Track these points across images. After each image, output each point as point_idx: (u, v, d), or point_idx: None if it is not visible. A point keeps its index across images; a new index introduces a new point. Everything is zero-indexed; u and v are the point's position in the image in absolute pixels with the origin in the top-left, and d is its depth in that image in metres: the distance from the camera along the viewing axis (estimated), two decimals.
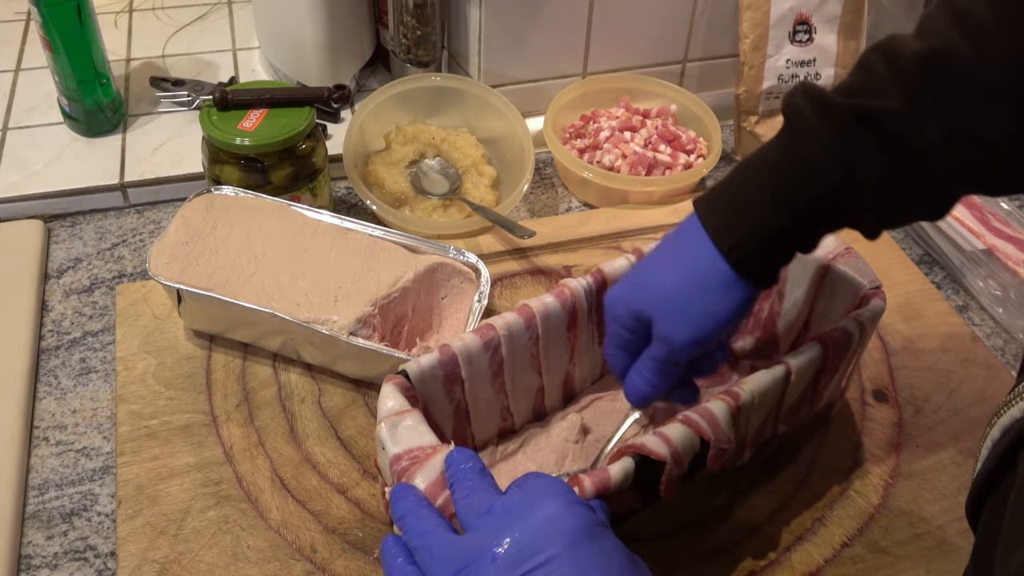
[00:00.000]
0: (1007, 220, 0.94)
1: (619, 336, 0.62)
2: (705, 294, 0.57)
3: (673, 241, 0.60)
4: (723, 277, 0.57)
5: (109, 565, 0.64)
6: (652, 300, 0.59)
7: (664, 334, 0.59)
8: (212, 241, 0.76)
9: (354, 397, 0.74)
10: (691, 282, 0.58)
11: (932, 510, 0.69)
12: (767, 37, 1.00)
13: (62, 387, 0.75)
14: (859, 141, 0.53)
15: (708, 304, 0.58)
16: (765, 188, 0.56)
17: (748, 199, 0.56)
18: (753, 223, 0.56)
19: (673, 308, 0.58)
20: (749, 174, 0.57)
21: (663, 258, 0.60)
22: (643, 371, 0.61)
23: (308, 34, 0.97)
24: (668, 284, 0.59)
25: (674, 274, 0.59)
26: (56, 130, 0.98)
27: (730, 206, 0.57)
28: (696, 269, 0.58)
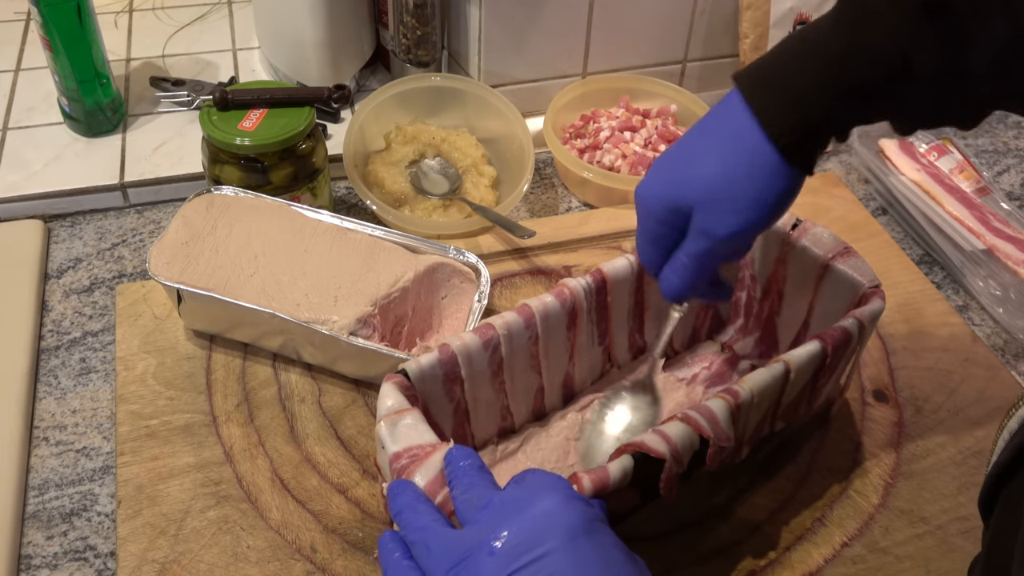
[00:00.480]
0: (1007, 220, 0.94)
1: (653, 231, 0.59)
2: (753, 182, 0.54)
3: (712, 124, 0.57)
4: (771, 164, 0.54)
5: (109, 565, 0.64)
6: (693, 191, 0.56)
7: (706, 227, 0.56)
8: (212, 241, 0.76)
9: (354, 397, 0.75)
10: (737, 170, 0.54)
11: (932, 510, 0.69)
12: (767, 37, 1.00)
13: (62, 387, 0.76)
14: (922, 34, 0.51)
15: (756, 193, 0.54)
16: (821, 72, 0.53)
17: (801, 83, 0.53)
18: (803, 109, 0.53)
19: (718, 198, 0.55)
20: (802, 54, 0.54)
21: (702, 144, 0.57)
22: (679, 267, 0.59)
23: (308, 34, 0.97)
24: (710, 173, 0.55)
25: (717, 161, 0.55)
26: (56, 130, 0.98)
27: (780, 89, 0.54)
28: (742, 155, 0.54)
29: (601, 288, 0.69)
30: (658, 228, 0.59)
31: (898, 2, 0.51)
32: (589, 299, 0.69)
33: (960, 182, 0.98)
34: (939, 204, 0.94)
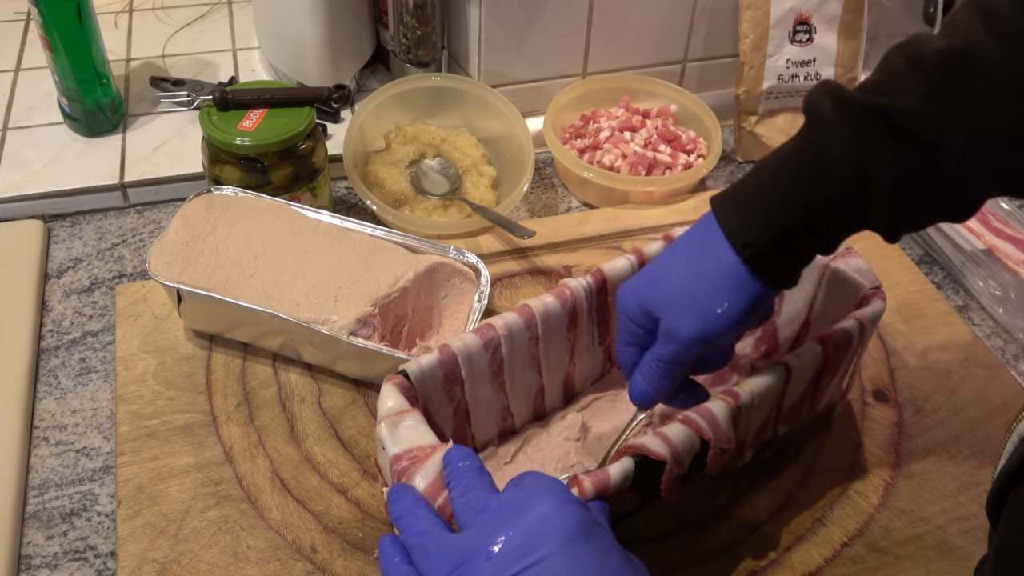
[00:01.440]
0: (1007, 220, 0.94)
1: (629, 331, 0.61)
2: (715, 290, 0.57)
3: (687, 238, 0.60)
4: (734, 273, 0.56)
5: (109, 565, 0.64)
6: (661, 295, 0.59)
7: (670, 329, 0.58)
8: (212, 241, 0.76)
9: (354, 397, 0.75)
10: (701, 277, 0.57)
11: (932, 510, 0.69)
12: (767, 37, 1.00)
13: (62, 387, 0.75)
14: (875, 141, 0.52)
15: (717, 300, 0.57)
16: (780, 184, 0.55)
17: (763, 195, 0.56)
18: (767, 219, 0.55)
19: (681, 303, 0.58)
20: (766, 171, 0.57)
21: (676, 254, 0.60)
22: (647, 371, 0.61)
23: (308, 34, 0.97)
24: (677, 278, 0.58)
25: (684, 269, 0.58)
26: (56, 130, 0.98)
27: (745, 202, 0.56)
28: (707, 264, 0.57)
29: (601, 288, 0.69)
30: (633, 328, 0.61)
31: (850, 114, 0.53)
32: (589, 299, 0.69)
33: None
34: None
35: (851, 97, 0.53)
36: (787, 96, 1.03)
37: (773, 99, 1.03)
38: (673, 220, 0.93)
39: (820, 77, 1.02)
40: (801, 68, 1.02)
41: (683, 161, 0.97)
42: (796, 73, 1.02)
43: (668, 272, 0.59)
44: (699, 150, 0.99)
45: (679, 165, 0.97)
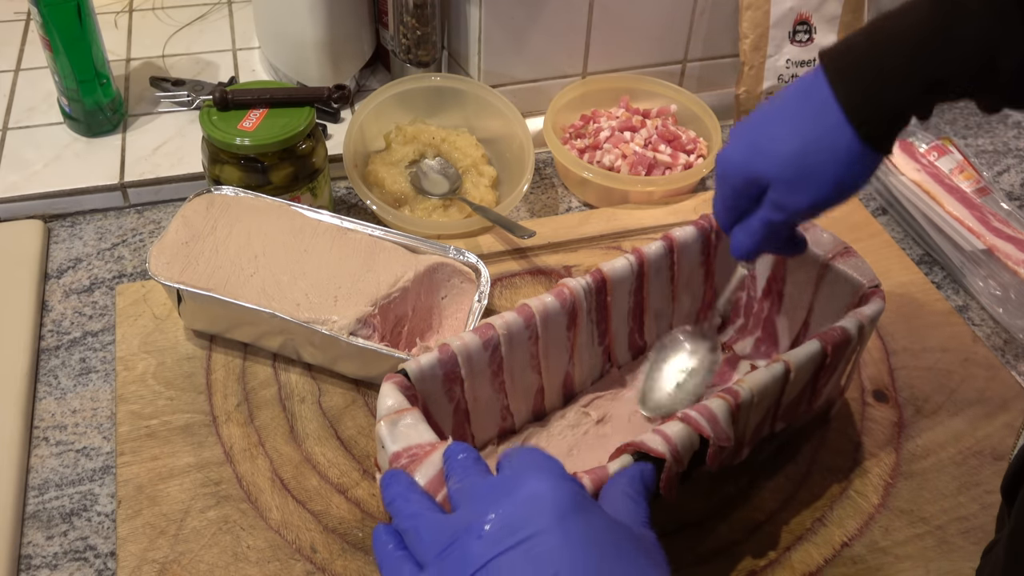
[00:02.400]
0: (1007, 220, 0.94)
1: (729, 197, 0.61)
2: (832, 165, 0.56)
3: (797, 101, 0.58)
4: (852, 148, 0.55)
5: (109, 565, 0.64)
6: (773, 167, 0.57)
7: (781, 201, 0.58)
8: (212, 241, 0.76)
9: (354, 397, 0.75)
10: (818, 151, 0.56)
11: (932, 510, 0.69)
12: (767, 37, 1.00)
13: (62, 387, 0.76)
14: (1008, 26, 0.51)
15: (834, 174, 0.56)
16: (904, 60, 0.53)
17: (888, 73, 0.54)
18: (887, 97, 0.54)
19: (794, 176, 0.57)
20: (891, 43, 0.54)
21: (785, 120, 0.58)
22: (751, 231, 0.61)
23: (308, 34, 0.97)
24: (791, 151, 0.57)
25: (798, 141, 0.56)
26: (56, 130, 0.98)
27: (866, 76, 0.54)
28: (823, 138, 0.56)
29: (601, 288, 0.69)
30: (734, 195, 0.61)
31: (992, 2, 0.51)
32: (589, 299, 0.69)
33: (960, 182, 0.98)
34: (939, 204, 0.94)
35: None
36: None
37: None
38: (673, 220, 0.93)
39: None
40: (801, 68, 1.02)
41: (683, 161, 0.97)
42: (796, 73, 1.02)
43: (777, 141, 0.57)
44: (699, 150, 0.99)
45: (679, 165, 0.97)
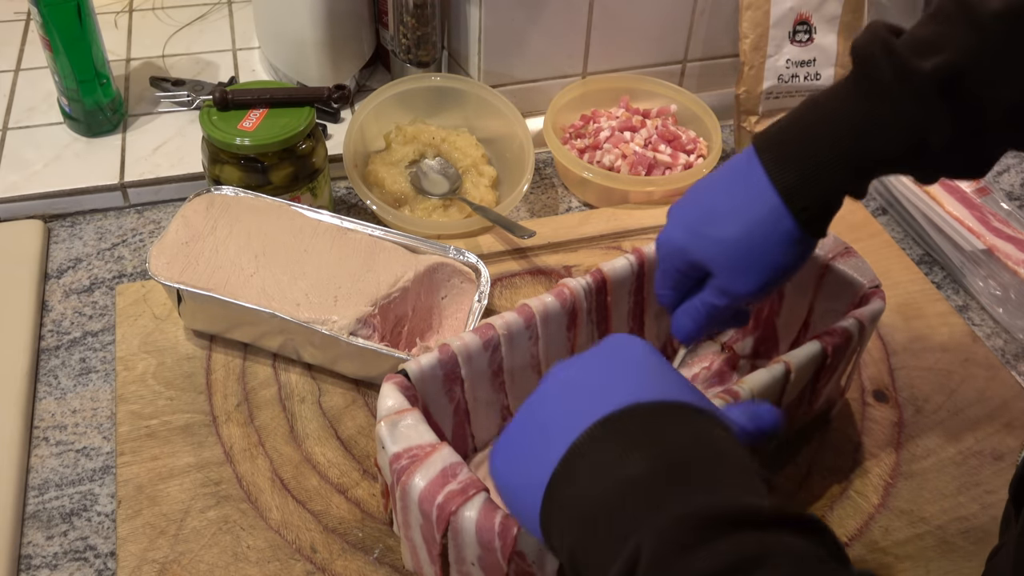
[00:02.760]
0: (1007, 220, 0.94)
1: (672, 278, 0.62)
2: (773, 250, 0.57)
3: (733, 186, 0.59)
4: (791, 233, 0.57)
5: (109, 565, 0.64)
6: (714, 253, 0.58)
7: (725, 287, 0.59)
8: (212, 241, 0.76)
9: (354, 397, 0.75)
10: (758, 238, 0.57)
11: (932, 510, 0.69)
12: (767, 37, 1.00)
13: (62, 387, 0.76)
14: (932, 111, 0.52)
15: (774, 259, 0.57)
16: (838, 146, 0.55)
17: (820, 156, 0.55)
18: (825, 182, 0.55)
19: (737, 263, 0.58)
20: (817, 126, 0.56)
21: (722, 204, 0.59)
22: (697, 316, 0.61)
23: (308, 34, 0.97)
24: (731, 237, 0.58)
25: (739, 228, 0.57)
26: (56, 130, 0.98)
27: (801, 162, 0.56)
28: (763, 224, 0.57)
29: (601, 288, 0.69)
30: (676, 276, 0.62)
31: (913, 85, 0.52)
32: (589, 299, 0.69)
33: (960, 182, 0.98)
34: (939, 204, 0.94)
35: (913, 66, 0.52)
36: (787, 96, 1.03)
37: (773, 99, 1.03)
38: None
39: (820, 77, 1.02)
40: (801, 68, 1.02)
41: (683, 161, 0.97)
42: (796, 73, 1.02)
43: (718, 227, 0.58)
44: (699, 150, 0.99)
45: (679, 165, 0.97)
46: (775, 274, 0.58)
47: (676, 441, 0.41)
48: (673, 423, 0.42)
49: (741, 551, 0.36)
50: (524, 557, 0.53)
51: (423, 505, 0.54)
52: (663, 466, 0.40)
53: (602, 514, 0.40)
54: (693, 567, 0.36)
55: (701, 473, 0.40)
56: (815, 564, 0.37)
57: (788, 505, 0.41)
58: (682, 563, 0.36)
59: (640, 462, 0.40)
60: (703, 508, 0.38)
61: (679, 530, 0.37)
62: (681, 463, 0.40)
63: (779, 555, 0.36)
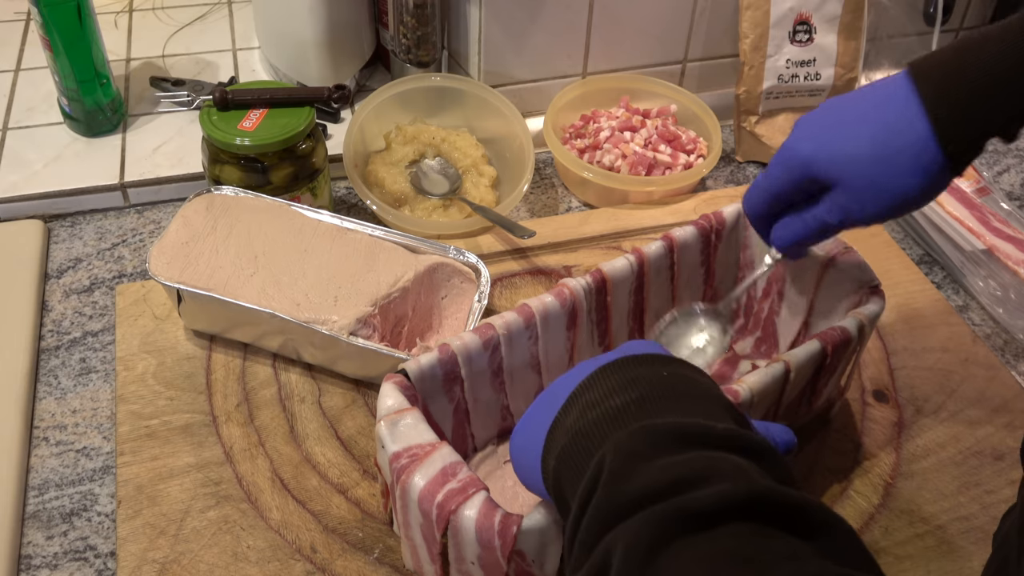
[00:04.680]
0: (1007, 220, 0.94)
1: (785, 190, 0.60)
2: (907, 178, 0.55)
3: (879, 108, 0.56)
4: (932, 165, 0.54)
5: (109, 565, 0.64)
6: (845, 171, 0.56)
7: (847, 206, 0.57)
8: (212, 241, 0.76)
9: (354, 397, 0.75)
10: (896, 162, 0.55)
11: (932, 510, 0.69)
12: (767, 37, 1.00)
13: (62, 387, 0.76)
14: None
15: (906, 188, 0.55)
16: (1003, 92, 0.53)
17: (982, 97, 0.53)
18: (981, 123, 0.54)
19: (867, 185, 0.56)
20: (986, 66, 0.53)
21: (865, 126, 0.56)
22: (807, 228, 0.60)
23: (308, 34, 0.97)
24: (867, 158, 0.55)
25: (877, 149, 0.55)
26: (56, 130, 0.98)
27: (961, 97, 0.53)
28: (905, 151, 0.55)
29: (601, 288, 0.69)
30: (792, 189, 0.60)
31: None
32: (589, 299, 0.69)
33: (960, 182, 0.98)
34: (939, 204, 0.94)
35: None
36: (787, 96, 1.03)
37: (773, 99, 1.03)
38: (673, 220, 0.93)
39: (820, 77, 1.03)
40: (801, 68, 1.02)
41: (683, 161, 0.97)
42: (796, 73, 1.02)
43: (853, 145, 0.56)
44: (699, 150, 0.99)
45: (679, 165, 0.97)
46: (901, 203, 0.56)
47: (653, 380, 0.46)
48: (655, 366, 0.47)
49: (691, 466, 0.39)
50: (524, 556, 0.53)
51: (423, 504, 0.54)
52: (636, 398, 0.44)
53: (580, 440, 0.44)
54: (645, 476, 0.39)
55: (669, 403, 0.44)
56: (759, 482, 0.38)
57: (740, 429, 0.42)
58: (636, 474, 0.39)
59: (619, 397, 0.45)
60: (659, 425, 0.42)
61: (635, 443, 0.41)
62: (653, 396, 0.45)
63: (725, 471, 0.38)
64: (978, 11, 1.18)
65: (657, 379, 0.46)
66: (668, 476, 0.38)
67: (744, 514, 0.36)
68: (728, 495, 0.36)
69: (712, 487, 0.37)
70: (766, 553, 0.35)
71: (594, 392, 0.46)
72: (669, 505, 0.37)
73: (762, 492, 0.37)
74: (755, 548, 0.35)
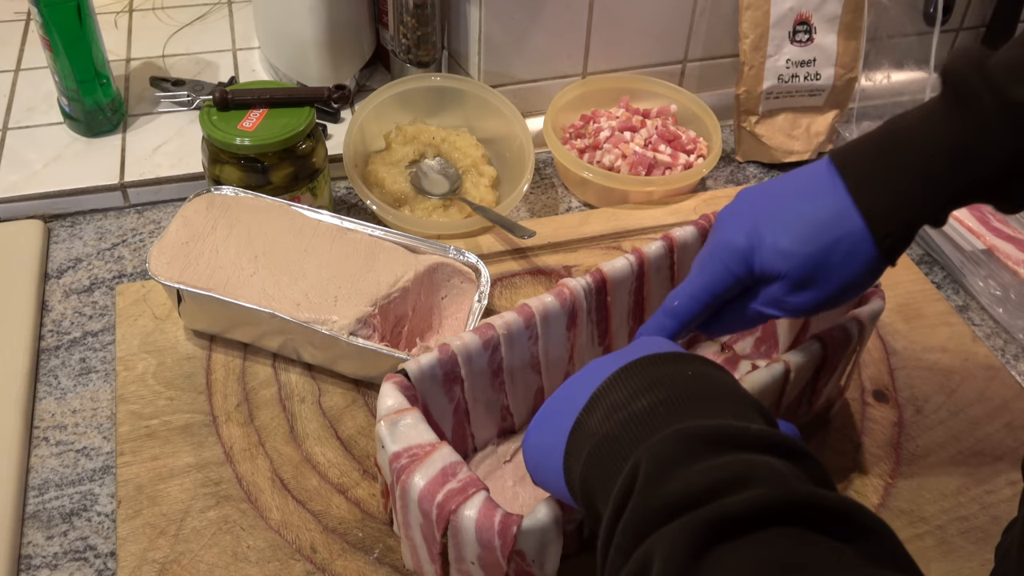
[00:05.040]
0: (1007, 220, 0.94)
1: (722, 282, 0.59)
2: (845, 271, 0.55)
3: (810, 201, 0.56)
4: (869, 257, 0.55)
5: (109, 565, 0.64)
6: (784, 266, 0.56)
7: (787, 300, 0.57)
8: (212, 241, 0.76)
9: (354, 397, 0.75)
10: (832, 257, 0.55)
11: (932, 510, 0.69)
12: (767, 37, 1.00)
13: (62, 387, 0.76)
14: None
15: (844, 279, 0.56)
16: (930, 174, 0.53)
17: (911, 186, 0.54)
18: (911, 213, 0.54)
19: (805, 279, 0.56)
20: (911, 154, 0.54)
21: (799, 218, 0.56)
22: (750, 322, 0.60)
23: (308, 34, 0.97)
24: (805, 253, 0.55)
25: (814, 245, 0.55)
26: (56, 130, 0.98)
27: (890, 189, 0.54)
28: (841, 243, 0.55)
29: (601, 288, 0.69)
30: (729, 280, 0.59)
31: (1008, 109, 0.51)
32: (589, 299, 0.69)
33: None
34: None
35: (1012, 94, 0.51)
36: (787, 96, 1.03)
37: (773, 99, 1.03)
38: (673, 220, 0.93)
39: (820, 77, 1.03)
40: (801, 68, 1.02)
41: (683, 161, 0.97)
42: (796, 73, 1.02)
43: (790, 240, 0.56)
44: (699, 150, 0.99)
45: (679, 165, 0.97)
46: (839, 295, 0.56)
47: (678, 379, 0.45)
48: (678, 365, 0.47)
49: (728, 469, 0.38)
50: (524, 556, 0.53)
51: (423, 504, 0.54)
52: (664, 399, 0.44)
53: (609, 444, 0.44)
54: (683, 481, 0.38)
55: (697, 404, 0.44)
56: (796, 485, 0.38)
57: (773, 430, 0.42)
58: (672, 479, 0.39)
59: (645, 399, 0.44)
60: (693, 429, 0.41)
61: (670, 448, 0.41)
62: (681, 397, 0.44)
63: (763, 475, 0.38)
64: (978, 11, 1.18)
65: (682, 379, 0.45)
66: (705, 481, 0.38)
67: (785, 518, 0.36)
68: (768, 499, 0.36)
69: (751, 491, 0.37)
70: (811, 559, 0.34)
71: (618, 393, 0.46)
72: (708, 510, 0.36)
73: (803, 496, 0.37)
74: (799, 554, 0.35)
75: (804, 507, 0.36)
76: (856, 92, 1.05)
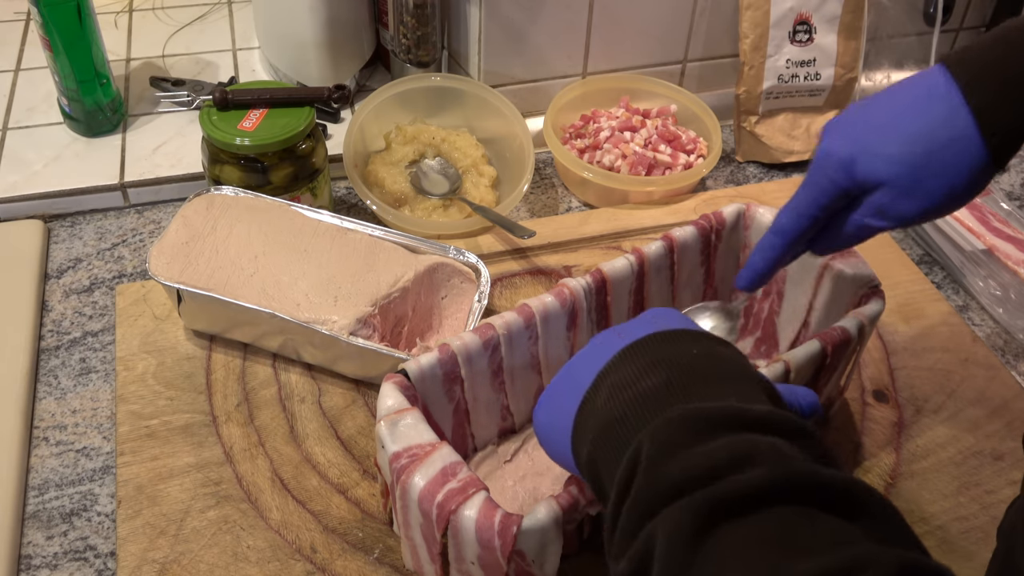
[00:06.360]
0: (1007, 220, 0.94)
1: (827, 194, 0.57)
2: (952, 174, 0.54)
3: (917, 104, 0.55)
4: (977, 159, 0.53)
5: (109, 565, 0.64)
6: (888, 171, 0.55)
7: (892, 209, 0.56)
8: (212, 241, 0.76)
9: (354, 397, 0.75)
10: (940, 158, 0.53)
11: (932, 510, 0.69)
12: (767, 37, 1.00)
13: (62, 387, 0.76)
14: None
15: (951, 184, 0.54)
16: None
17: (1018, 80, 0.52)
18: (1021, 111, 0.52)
19: (911, 184, 0.54)
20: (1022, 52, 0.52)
21: (904, 123, 0.55)
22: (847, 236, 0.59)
23: (308, 34, 0.97)
24: (911, 156, 0.54)
25: (920, 146, 0.54)
26: (56, 130, 0.98)
27: (1003, 88, 0.52)
28: (949, 146, 0.53)
29: (601, 288, 0.69)
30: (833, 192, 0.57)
31: None
32: (589, 299, 0.69)
33: None
34: None
35: None
36: (787, 96, 1.03)
37: (773, 99, 1.03)
38: (673, 220, 0.93)
39: (820, 77, 1.03)
40: (801, 68, 1.02)
41: (683, 161, 0.97)
42: (796, 73, 1.02)
43: (895, 144, 0.55)
44: (699, 150, 0.99)
45: (679, 165, 0.97)
46: (945, 200, 0.55)
47: (683, 359, 0.45)
48: (684, 343, 0.47)
49: (730, 450, 0.38)
50: (524, 556, 0.53)
51: (423, 504, 0.54)
52: (668, 380, 0.44)
53: (615, 424, 0.44)
54: (685, 462, 0.39)
55: (701, 384, 0.44)
56: (799, 464, 0.38)
57: (777, 410, 0.42)
58: (675, 460, 0.39)
59: (650, 379, 0.45)
60: (695, 411, 0.41)
61: (673, 429, 0.41)
62: (685, 377, 0.44)
63: (765, 455, 0.38)
64: (978, 11, 1.18)
65: (687, 358, 0.46)
66: (708, 461, 0.38)
67: (787, 497, 0.36)
68: (770, 478, 0.36)
69: (753, 471, 0.37)
70: (813, 537, 0.35)
71: (623, 372, 0.46)
72: (710, 491, 0.37)
73: (804, 474, 0.37)
74: (802, 531, 0.35)
75: (806, 486, 0.36)
76: (856, 92, 1.06)
